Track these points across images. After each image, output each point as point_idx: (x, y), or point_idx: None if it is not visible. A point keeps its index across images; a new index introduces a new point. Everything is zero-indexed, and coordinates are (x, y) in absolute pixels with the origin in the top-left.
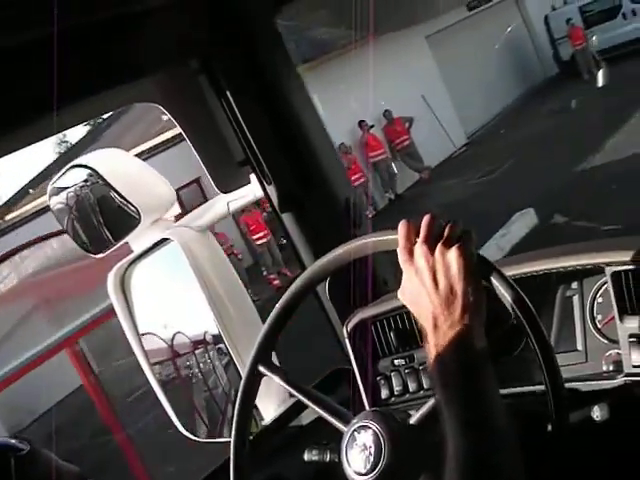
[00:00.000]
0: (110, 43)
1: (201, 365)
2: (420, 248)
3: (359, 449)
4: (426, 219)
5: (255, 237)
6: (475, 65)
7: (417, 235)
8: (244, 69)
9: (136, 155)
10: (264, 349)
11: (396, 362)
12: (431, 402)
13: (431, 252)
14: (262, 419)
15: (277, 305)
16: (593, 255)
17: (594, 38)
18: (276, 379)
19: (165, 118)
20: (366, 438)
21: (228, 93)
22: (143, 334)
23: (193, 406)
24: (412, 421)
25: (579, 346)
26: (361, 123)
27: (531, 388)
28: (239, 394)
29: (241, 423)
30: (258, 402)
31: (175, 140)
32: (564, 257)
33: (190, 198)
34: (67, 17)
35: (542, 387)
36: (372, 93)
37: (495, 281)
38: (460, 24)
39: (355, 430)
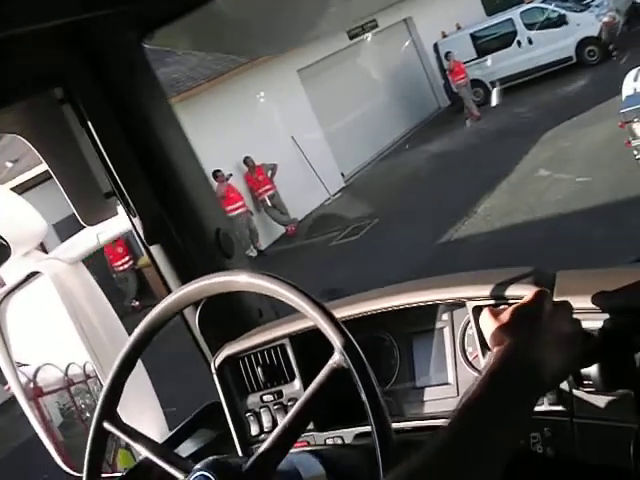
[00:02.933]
0: None
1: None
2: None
3: None
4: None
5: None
6: (356, 100)
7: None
8: (107, 97)
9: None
10: (108, 405)
11: (265, 398)
12: (265, 446)
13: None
14: (139, 454)
15: (117, 361)
16: (457, 289)
17: (488, 62)
18: (120, 435)
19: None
20: None
21: (90, 123)
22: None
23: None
24: (246, 468)
25: (450, 379)
26: (216, 173)
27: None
28: (87, 452)
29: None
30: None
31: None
32: (430, 290)
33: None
34: None
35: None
36: (233, 136)
37: (322, 321)
38: (338, 54)
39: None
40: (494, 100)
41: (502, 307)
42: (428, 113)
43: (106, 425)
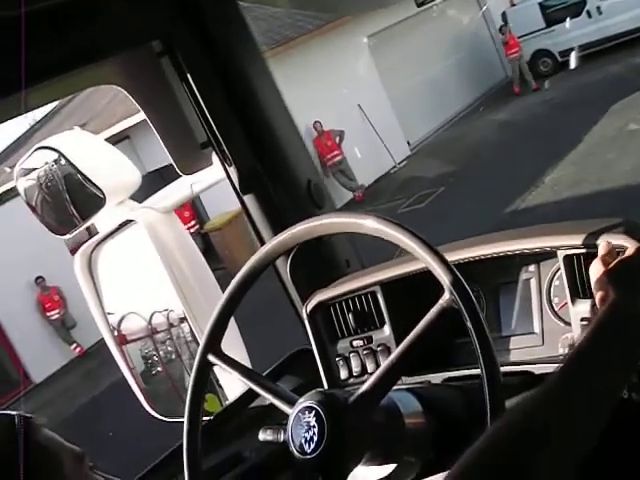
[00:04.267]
0: (72, 26)
1: (175, 343)
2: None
3: (303, 430)
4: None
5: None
6: (423, 68)
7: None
8: (206, 51)
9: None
10: (213, 338)
11: (355, 343)
12: (371, 380)
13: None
14: (227, 399)
15: (225, 293)
16: (547, 239)
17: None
18: (225, 367)
19: None
20: (309, 419)
21: (189, 75)
22: (123, 316)
23: (170, 385)
24: (353, 400)
25: (536, 329)
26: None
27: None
28: (190, 383)
29: (193, 409)
30: (223, 382)
31: None
32: (519, 240)
33: None
34: (28, 1)
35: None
36: (301, 101)
37: (432, 262)
38: (406, 22)
39: (299, 411)
40: (572, 63)
41: (609, 259)
42: (495, 82)
43: (210, 357)
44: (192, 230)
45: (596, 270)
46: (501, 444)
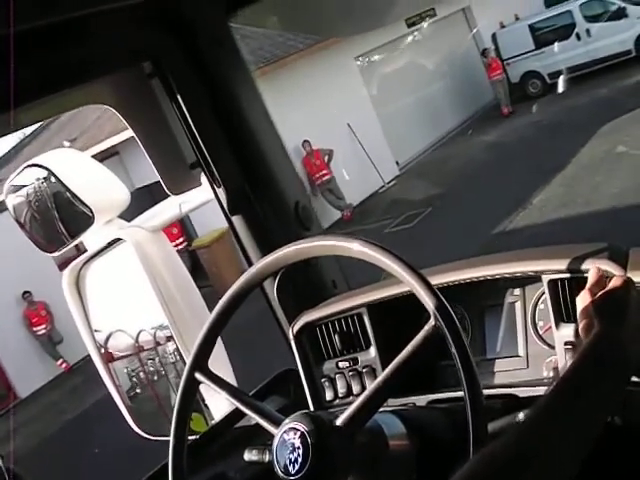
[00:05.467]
0: (63, 45)
1: (162, 362)
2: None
3: (288, 450)
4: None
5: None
6: (412, 89)
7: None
8: (195, 72)
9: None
10: (200, 356)
11: (340, 364)
12: (357, 402)
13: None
14: (212, 418)
15: (214, 311)
16: (532, 263)
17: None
18: (211, 386)
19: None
20: (294, 440)
21: (179, 96)
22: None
23: (157, 403)
24: (338, 422)
25: (520, 352)
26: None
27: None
28: (177, 401)
29: (179, 428)
30: (209, 401)
31: None
32: (505, 264)
33: None
34: (21, 19)
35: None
36: (290, 120)
37: (417, 286)
38: (395, 42)
39: (284, 432)
40: (560, 87)
41: (597, 288)
42: (484, 103)
43: (197, 375)
44: (180, 247)
45: (583, 299)
46: (484, 472)
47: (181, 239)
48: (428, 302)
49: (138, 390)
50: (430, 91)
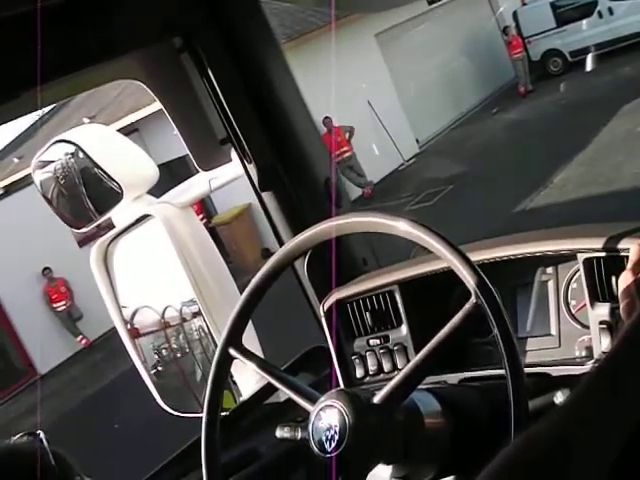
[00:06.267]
0: (94, 21)
1: (188, 338)
2: None
3: (324, 428)
4: None
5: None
6: (433, 66)
7: None
8: (226, 47)
9: None
10: (234, 332)
11: (371, 342)
12: (395, 380)
13: None
14: (241, 395)
15: (248, 287)
16: (567, 241)
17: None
18: (245, 362)
19: None
20: (331, 417)
21: (210, 71)
22: (135, 309)
23: (182, 379)
24: (376, 400)
25: (553, 331)
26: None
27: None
28: (210, 376)
29: (212, 403)
30: (237, 378)
31: None
32: (538, 242)
33: None
34: None
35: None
36: (311, 97)
37: (459, 264)
38: (416, 20)
39: (321, 409)
40: (589, 65)
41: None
42: (505, 81)
43: (232, 351)
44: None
45: (625, 278)
46: (529, 455)
47: (201, 216)
48: (469, 280)
49: (163, 366)
50: (451, 69)
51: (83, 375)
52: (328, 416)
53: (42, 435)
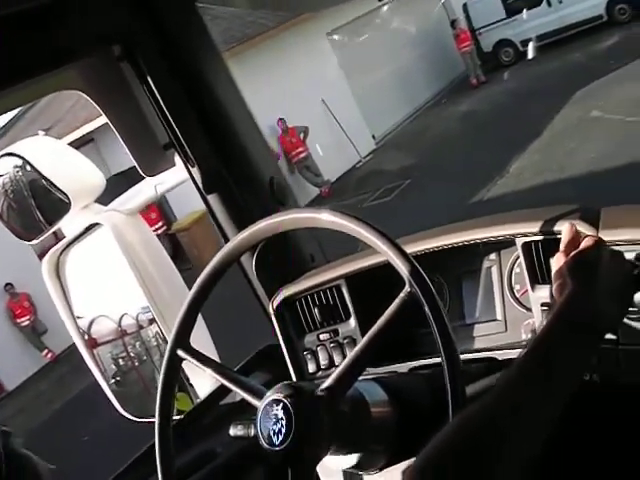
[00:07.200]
0: (32, 31)
1: (146, 345)
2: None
3: (271, 422)
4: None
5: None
6: (385, 62)
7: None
8: (165, 54)
9: None
10: (182, 333)
11: (321, 337)
12: (337, 371)
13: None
14: (198, 397)
15: (193, 287)
16: (506, 227)
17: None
18: (194, 362)
19: None
20: (277, 411)
21: (149, 78)
22: (92, 319)
23: (142, 386)
24: (320, 391)
25: (499, 316)
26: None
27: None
28: (160, 379)
29: (164, 406)
30: (194, 380)
31: None
32: (477, 230)
33: None
34: None
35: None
36: (264, 99)
37: (392, 254)
38: (367, 16)
39: (267, 404)
40: (530, 53)
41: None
42: (458, 73)
43: (180, 352)
44: (160, 231)
45: (557, 260)
46: (461, 437)
47: (160, 223)
48: (402, 268)
49: (123, 374)
50: (404, 64)
51: (50, 389)
52: (274, 410)
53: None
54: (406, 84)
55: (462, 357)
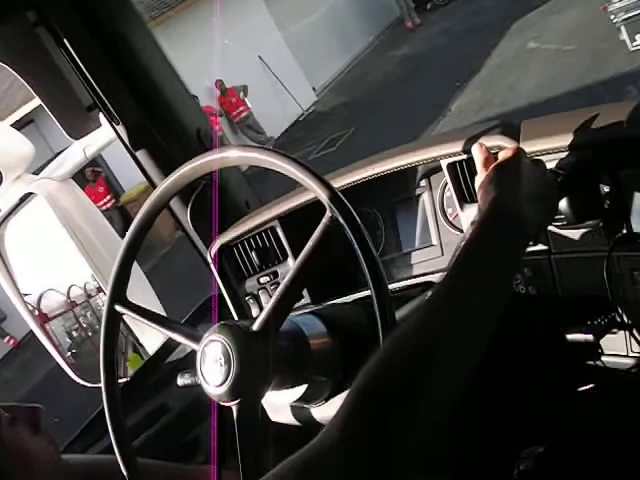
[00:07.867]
0: None
1: (97, 314)
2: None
3: (211, 363)
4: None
5: None
6: (320, 13)
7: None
8: (81, 15)
9: None
10: (117, 288)
11: (262, 280)
12: (269, 305)
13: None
14: (148, 355)
15: (124, 241)
16: (429, 150)
17: None
18: (132, 315)
19: None
20: (215, 351)
21: (67, 41)
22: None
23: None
24: (255, 327)
25: (434, 241)
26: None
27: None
28: (101, 337)
29: (108, 365)
30: (142, 340)
31: None
32: (402, 156)
33: None
34: None
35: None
36: (199, 61)
37: (310, 182)
38: None
39: (205, 346)
40: None
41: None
42: (393, 18)
43: (118, 307)
44: (108, 204)
45: (478, 178)
46: (392, 355)
47: (108, 197)
48: (321, 194)
49: (78, 345)
50: (338, 13)
51: (14, 376)
52: (212, 351)
53: None
54: (342, 33)
55: (400, 284)
